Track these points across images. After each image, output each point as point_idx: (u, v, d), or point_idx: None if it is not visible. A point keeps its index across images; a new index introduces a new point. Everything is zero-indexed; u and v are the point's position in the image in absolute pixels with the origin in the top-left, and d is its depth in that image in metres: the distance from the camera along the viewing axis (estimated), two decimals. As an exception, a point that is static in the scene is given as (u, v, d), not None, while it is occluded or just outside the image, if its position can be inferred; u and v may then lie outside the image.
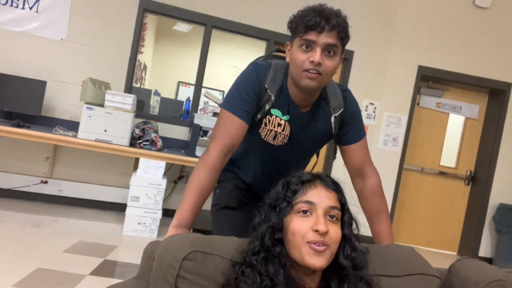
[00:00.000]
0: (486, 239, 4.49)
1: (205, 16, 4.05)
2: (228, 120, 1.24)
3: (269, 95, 1.27)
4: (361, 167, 1.36)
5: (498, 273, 1.05)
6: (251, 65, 1.32)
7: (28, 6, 3.72)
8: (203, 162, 1.19)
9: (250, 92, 1.25)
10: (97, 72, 3.80)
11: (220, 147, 1.21)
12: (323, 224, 0.82)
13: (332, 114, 1.32)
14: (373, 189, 1.34)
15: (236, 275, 0.85)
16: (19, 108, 3.53)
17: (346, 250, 0.87)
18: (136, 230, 3.33)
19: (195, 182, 1.15)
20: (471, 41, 4.42)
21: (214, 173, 1.19)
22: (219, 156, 1.20)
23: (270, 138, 1.33)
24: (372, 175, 1.36)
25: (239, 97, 1.25)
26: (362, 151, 1.37)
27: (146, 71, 5.78)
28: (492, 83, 4.46)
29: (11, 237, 2.83)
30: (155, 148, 3.47)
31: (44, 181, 3.81)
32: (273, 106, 1.29)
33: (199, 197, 1.14)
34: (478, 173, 4.64)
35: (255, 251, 0.86)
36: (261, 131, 1.33)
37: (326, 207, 0.86)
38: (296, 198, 0.87)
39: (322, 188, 0.89)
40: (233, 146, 1.24)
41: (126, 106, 3.36)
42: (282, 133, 1.32)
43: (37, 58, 3.74)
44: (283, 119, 1.30)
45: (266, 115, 1.30)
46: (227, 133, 1.22)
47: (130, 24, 3.91)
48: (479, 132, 4.70)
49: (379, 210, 1.33)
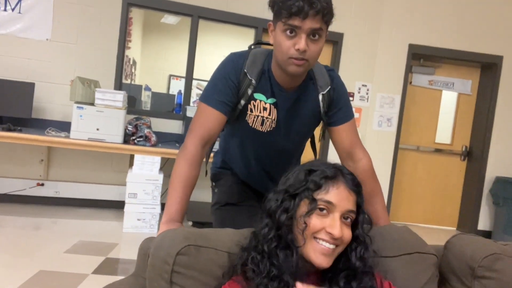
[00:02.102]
0: (484, 213, 4.53)
1: (191, 6, 3.99)
2: (204, 112, 1.23)
3: (249, 79, 1.25)
4: (351, 149, 1.34)
5: (493, 246, 1.05)
6: (228, 55, 1.30)
7: (10, 7, 3.65)
8: (182, 156, 1.18)
9: (227, 81, 1.23)
10: (85, 71, 3.75)
11: (196, 139, 1.20)
12: (338, 228, 0.81)
13: (320, 92, 1.30)
14: (366, 170, 1.32)
15: (245, 261, 0.84)
16: (9, 112, 3.49)
17: (359, 252, 0.86)
18: (136, 226, 3.33)
19: (177, 177, 1.16)
20: (461, 16, 4.39)
21: (194, 165, 1.19)
22: (196, 149, 1.20)
23: (258, 124, 1.30)
24: (363, 156, 1.34)
25: (214, 88, 1.24)
26: (351, 132, 1.35)
27: (136, 67, 5.72)
28: (484, 57, 4.45)
29: (11, 241, 2.83)
30: (149, 143, 3.46)
31: (41, 184, 3.79)
32: (255, 90, 1.26)
33: (183, 190, 1.14)
34: (473, 148, 4.66)
35: (269, 238, 0.84)
36: (248, 118, 1.30)
37: (345, 210, 0.84)
38: (317, 193, 0.84)
39: (345, 189, 0.86)
40: (210, 137, 1.23)
41: (117, 103, 3.33)
42: (269, 117, 1.29)
43: (23, 60, 3.69)
44: (268, 103, 1.28)
45: (250, 100, 1.27)
46: (203, 125, 1.22)
47: (115, 20, 3.86)
48: (472, 107, 4.71)
49: (373, 191, 1.31)
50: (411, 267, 1.02)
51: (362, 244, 0.87)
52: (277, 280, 0.79)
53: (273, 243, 0.83)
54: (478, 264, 1.02)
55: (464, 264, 1.04)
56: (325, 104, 1.32)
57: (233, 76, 1.23)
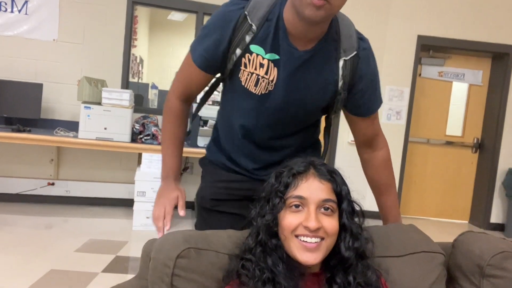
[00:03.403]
0: (497, 205, 4.45)
1: (196, 3, 3.98)
2: (187, 64, 1.11)
3: (249, 24, 1.01)
4: (371, 138, 1.19)
5: (502, 244, 1.03)
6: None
7: (16, 9, 3.68)
8: (167, 112, 1.18)
9: (219, 33, 1.03)
10: (92, 70, 3.77)
11: (177, 93, 1.16)
12: (313, 220, 0.79)
13: (342, 56, 1.04)
14: (383, 160, 1.21)
15: (237, 269, 0.83)
16: (18, 113, 3.53)
17: (347, 241, 0.83)
18: (146, 224, 3.35)
19: (167, 134, 1.18)
20: (470, 6, 4.29)
21: (179, 122, 1.18)
22: (178, 105, 1.17)
23: (251, 84, 1.06)
24: (383, 146, 1.21)
25: (202, 40, 1.06)
26: (376, 122, 1.18)
27: (143, 65, 5.73)
28: (494, 47, 4.35)
29: (23, 241, 2.87)
30: (157, 141, 3.46)
31: (51, 183, 3.84)
32: (254, 40, 1.02)
33: (174, 146, 1.17)
34: (485, 140, 4.58)
35: (252, 247, 0.84)
36: (241, 75, 1.06)
37: (319, 200, 0.81)
38: (287, 192, 0.83)
39: (315, 180, 0.83)
40: (191, 93, 1.16)
41: (123, 102, 3.35)
42: (265, 77, 1.04)
43: (31, 61, 3.73)
44: (266, 58, 1.03)
45: (246, 52, 1.03)
46: (184, 80, 1.14)
47: (121, 19, 3.86)
48: (484, 98, 4.62)
49: (387, 183, 1.22)
50: (418, 266, 1.00)
51: (349, 233, 0.84)
52: (270, 283, 0.78)
53: (257, 249, 0.82)
54: (486, 262, 0.99)
55: (472, 262, 1.02)
56: (347, 78, 1.06)
57: (227, 27, 1.02)
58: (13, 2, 3.67)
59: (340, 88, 1.07)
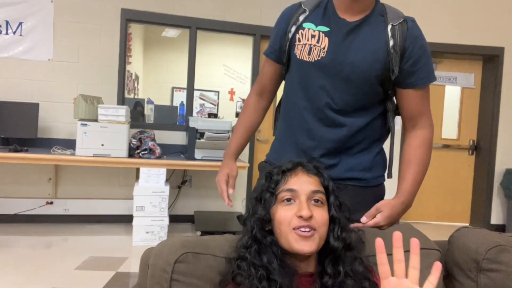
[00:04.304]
0: (496, 207, 4.46)
1: (188, 18, 4.04)
2: (263, 62, 1.36)
3: (303, 8, 1.20)
4: (417, 116, 1.19)
5: (497, 238, 1.04)
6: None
7: (11, 31, 3.72)
8: (244, 104, 1.42)
9: (280, 25, 1.25)
10: (88, 88, 3.80)
11: (254, 90, 1.40)
12: (306, 209, 0.82)
13: (389, 22, 1.13)
14: (424, 139, 1.18)
15: (232, 270, 0.85)
16: (15, 133, 3.54)
17: (336, 232, 0.87)
18: (145, 239, 3.34)
19: (238, 121, 1.40)
20: (458, 10, 4.37)
21: (251, 112, 1.38)
22: (253, 99, 1.39)
23: (305, 54, 1.16)
24: (428, 126, 1.20)
25: (272, 37, 1.29)
26: (424, 99, 1.19)
27: (139, 81, 5.78)
28: (485, 49, 4.41)
29: (23, 261, 2.85)
30: (154, 156, 3.48)
31: (50, 202, 3.83)
32: (306, 19, 1.18)
33: (241, 132, 1.39)
34: (481, 141, 4.61)
35: (247, 245, 0.86)
36: (296, 50, 1.19)
37: (309, 192, 0.86)
38: (278, 188, 0.87)
39: (303, 174, 0.89)
40: (264, 87, 1.37)
41: (120, 118, 3.37)
42: (317, 45, 1.15)
43: (27, 81, 3.75)
44: (317, 30, 1.16)
45: (299, 29, 1.19)
46: (260, 76, 1.37)
47: (115, 36, 3.91)
48: (477, 100, 4.66)
49: (420, 160, 1.17)
50: (415, 263, 1.01)
51: (338, 224, 0.87)
52: (265, 280, 0.80)
53: (252, 246, 0.84)
54: (482, 256, 1.00)
55: (468, 257, 1.03)
56: (398, 39, 1.11)
57: (285, 17, 1.24)
58: (7, 24, 3.72)
59: (391, 48, 1.11)
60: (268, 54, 1.30)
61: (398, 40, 1.11)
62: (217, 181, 1.35)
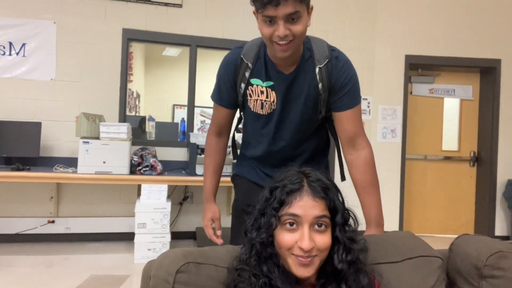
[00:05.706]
0: (500, 218, 4.43)
1: (188, 37, 4.11)
2: (214, 109, 1.48)
3: (246, 63, 1.32)
4: (353, 138, 1.31)
5: (498, 245, 1.04)
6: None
7: (14, 52, 3.79)
8: (206, 148, 1.53)
9: (226, 76, 1.36)
10: (90, 106, 3.84)
11: (211, 131, 1.51)
12: (307, 240, 0.81)
13: (317, 65, 1.28)
14: (367, 160, 1.30)
15: (234, 279, 0.85)
16: (17, 152, 3.57)
17: (341, 254, 0.85)
18: (147, 257, 3.31)
19: (205, 165, 1.52)
20: (454, 23, 4.44)
21: (214, 153, 1.51)
22: (212, 140, 1.51)
23: (258, 108, 1.36)
24: (366, 146, 1.32)
25: (217, 86, 1.43)
26: (355, 120, 1.31)
27: (140, 99, 5.83)
28: (482, 61, 4.46)
29: (24, 281, 2.83)
30: (155, 172, 3.48)
31: (51, 221, 3.82)
32: (252, 74, 1.33)
33: (211, 176, 1.51)
34: (481, 152, 4.61)
35: (247, 257, 0.86)
36: (250, 104, 1.37)
37: (312, 218, 0.83)
38: (282, 209, 0.85)
39: (309, 199, 0.85)
40: (221, 128, 1.49)
41: (121, 135, 3.39)
42: (267, 100, 1.33)
43: (29, 101, 3.80)
44: (264, 86, 1.32)
45: (248, 86, 1.34)
46: (214, 120, 1.49)
47: (117, 55, 3.97)
48: (476, 112, 4.69)
49: (370, 183, 1.29)
50: (416, 271, 1.01)
51: (343, 246, 0.86)
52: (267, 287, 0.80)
53: (252, 258, 0.85)
54: (483, 263, 1.00)
55: (469, 264, 1.03)
56: (325, 81, 1.28)
57: (230, 70, 1.35)
58: (11, 46, 3.78)
59: (320, 90, 1.30)
60: (219, 102, 1.43)
61: (325, 81, 1.29)
62: (204, 226, 1.49)
